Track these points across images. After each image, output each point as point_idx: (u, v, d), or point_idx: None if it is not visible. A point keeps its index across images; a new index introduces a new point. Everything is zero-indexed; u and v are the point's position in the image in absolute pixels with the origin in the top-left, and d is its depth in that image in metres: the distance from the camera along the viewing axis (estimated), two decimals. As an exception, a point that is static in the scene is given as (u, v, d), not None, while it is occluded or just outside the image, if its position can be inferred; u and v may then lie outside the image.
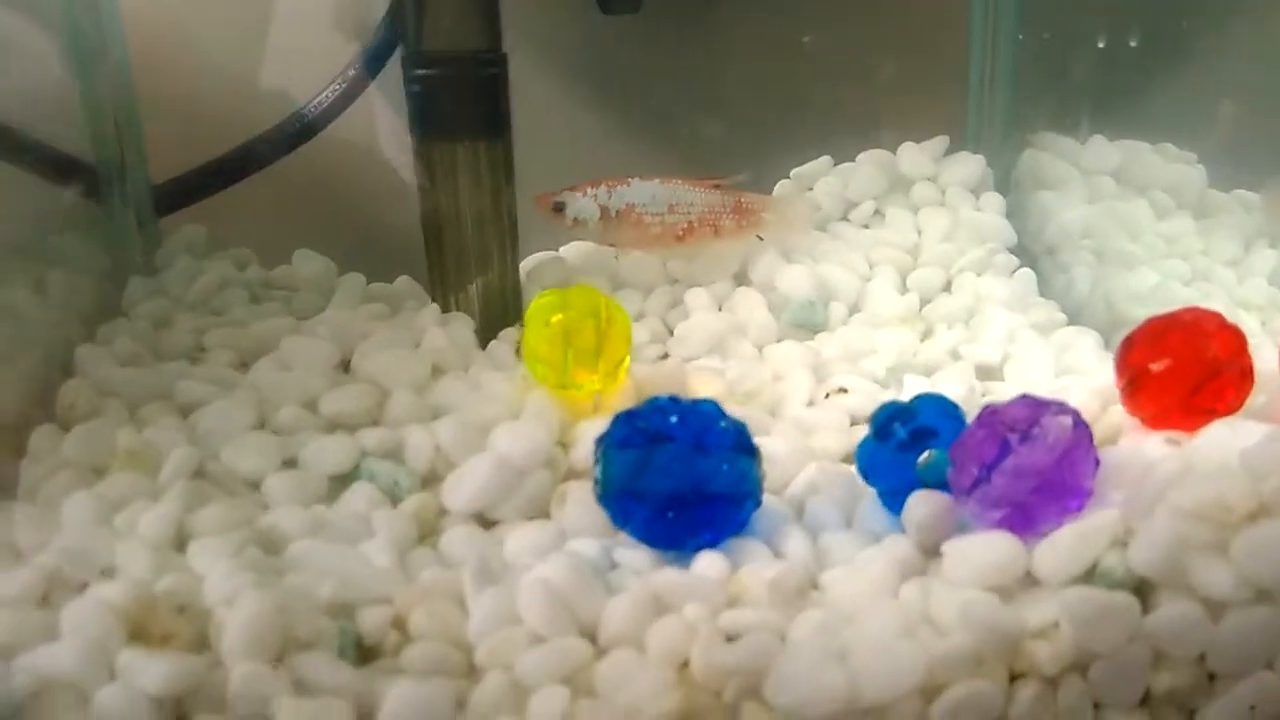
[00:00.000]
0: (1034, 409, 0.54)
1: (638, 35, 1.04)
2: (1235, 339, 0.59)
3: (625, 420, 0.57)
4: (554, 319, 0.67)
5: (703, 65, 1.05)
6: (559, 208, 0.85)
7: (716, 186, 0.88)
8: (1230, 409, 0.59)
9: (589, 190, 0.85)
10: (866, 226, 0.95)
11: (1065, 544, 0.51)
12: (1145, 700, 0.51)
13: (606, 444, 0.57)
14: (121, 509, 0.57)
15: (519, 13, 0.84)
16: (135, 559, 0.53)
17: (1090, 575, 0.51)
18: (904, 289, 0.89)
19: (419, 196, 0.87)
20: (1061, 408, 0.54)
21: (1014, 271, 0.90)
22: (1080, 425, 0.53)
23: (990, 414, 0.54)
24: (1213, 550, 0.49)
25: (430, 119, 0.83)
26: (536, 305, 0.68)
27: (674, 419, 0.56)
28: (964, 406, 0.60)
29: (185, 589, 0.51)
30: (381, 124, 0.96)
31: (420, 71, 0.81)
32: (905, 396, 0.64)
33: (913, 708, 0.49)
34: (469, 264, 0.87)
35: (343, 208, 1.04)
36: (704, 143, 1.04)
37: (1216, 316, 0.59)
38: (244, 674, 0.48)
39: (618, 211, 0.86)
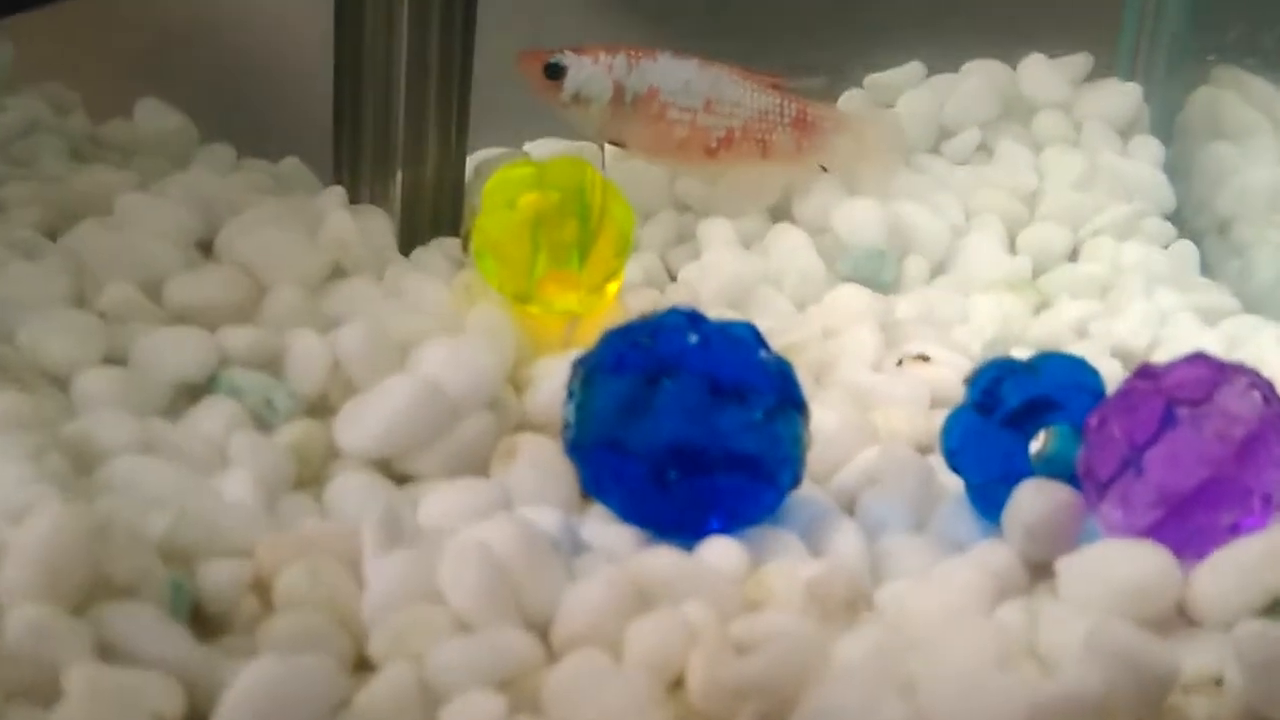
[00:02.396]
0: (1211, 373, 0.54)
1: None
2: None
3: (620, 337, 0.57)
4: (523, 199, 0.66)
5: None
6: (555, 72, 0.84)
7: (775, 86, 0.88)
8: None
9: (600, 57, 0.85)
10: (966, 163, 0.96)
11: (1239, 566, 0.51)
12: (1330, 801, 0.51)
13: (590, 367, 0.57)
14: None
15: None
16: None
17: (1273, 611, 0.51)
18: (1013, 250, 0.90)
19: (336, 47, 0.86)
20: (1252, 378, 0.54)
21: (1169, 245, 0.92)
22: (1275, 403, 0.54)
23: (1147, 375, 0.55)
24: None
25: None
26: (501, 178, 0.68)
27: (693, 340, 0.56)
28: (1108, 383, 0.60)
29: (-50, 496, 0.50)
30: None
31: None
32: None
33: (1003, 772, 0.48)
34: (395, 144, 0.86)
35: (217, 55, 1.03)
36: (749, 24, 1.04)
37: None
38: (26, 620, 0.47)
39: (635, 96, 0.85)
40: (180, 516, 0.53)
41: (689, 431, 0.55)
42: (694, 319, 0.57)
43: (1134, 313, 0.82)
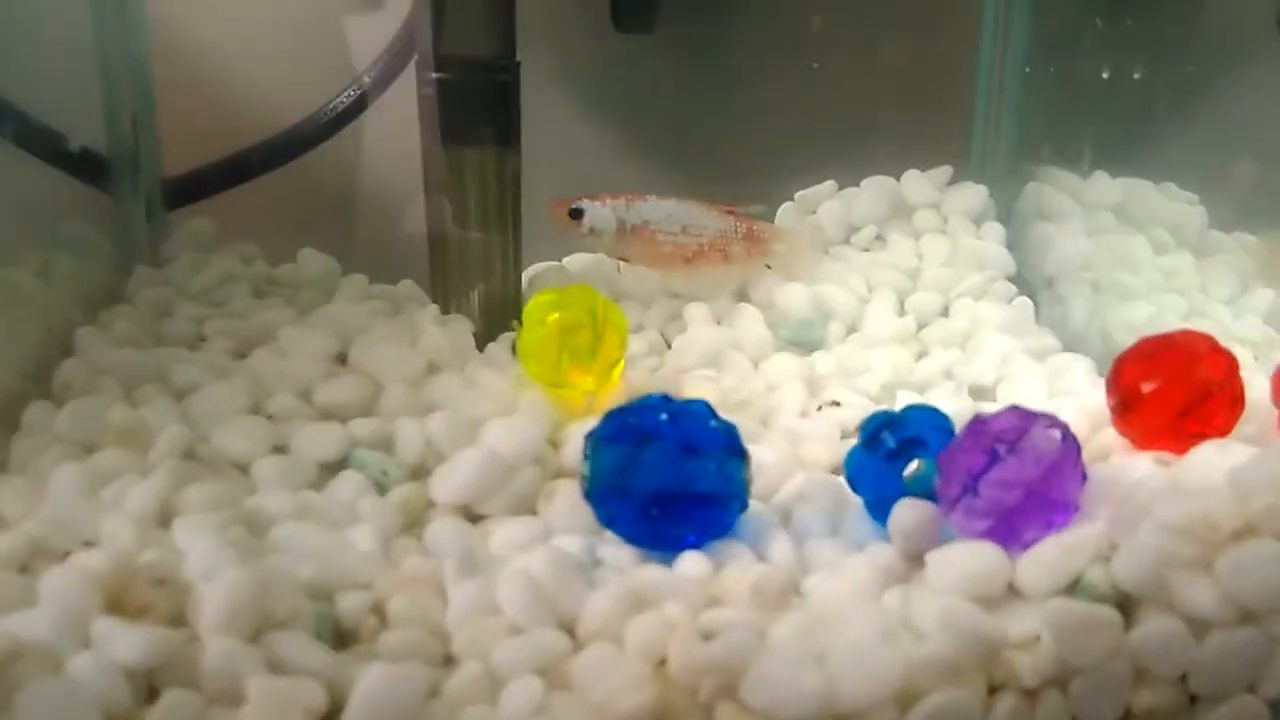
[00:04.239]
0: (1023, 420, 0.53)
1: (650, 55, 1.05)
2: (1227, 362, 0.58)
3: (616, 416, 0.57)
4: (550, 318, 0.66)
5: (714, 88, 1.05)
6: (576, 214, 0.85)
7: (730, 212, 0.88)
8: (1219, 433, 0.58)
9: (607, 201, 0.85)
10: (867, 250, 0.95)
11: (1049, 556, 0.51)
12: (1125, 718, 0.50)
13: (596, 439, 0.57)
14: (109, 483, 0.57)
15: (532, 26, 0.84)
16: (119, 531, 0.53)
17: (1073, 588, 0.50)
18: (902, 311, 0.89)
19: (426, 201, 0.87)
20: (1051, 421, 0.53)
21: (1011, 299, 0.90)
22: (1068, 439, 0.53)
23: (979, 424, 0.54)
24: (1197, 568, 0.48)
25: (441, 123, 0.83)
26: (534, 304, 0.68)
27: (664, 417, 0.56)
28: (956, 423, 0.59)
29: (166, 563, 0.51)
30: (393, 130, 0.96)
31: (434, 75, 0.81)
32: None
33: (889, 715, 0.48)
34: (472, 270, 0.87)
35: (350, 211, 1.04)
36: (712, 164, 1.03)
37: (1209, 339, 0.59)
38: (219, 649, 0.47)
39: (633, 227, 0.85)
40: (322, 564, 0.53)
41: (664, 480, 0.55)
42: (665, 401, 0.57)
43: (984, 358, 0.80)
